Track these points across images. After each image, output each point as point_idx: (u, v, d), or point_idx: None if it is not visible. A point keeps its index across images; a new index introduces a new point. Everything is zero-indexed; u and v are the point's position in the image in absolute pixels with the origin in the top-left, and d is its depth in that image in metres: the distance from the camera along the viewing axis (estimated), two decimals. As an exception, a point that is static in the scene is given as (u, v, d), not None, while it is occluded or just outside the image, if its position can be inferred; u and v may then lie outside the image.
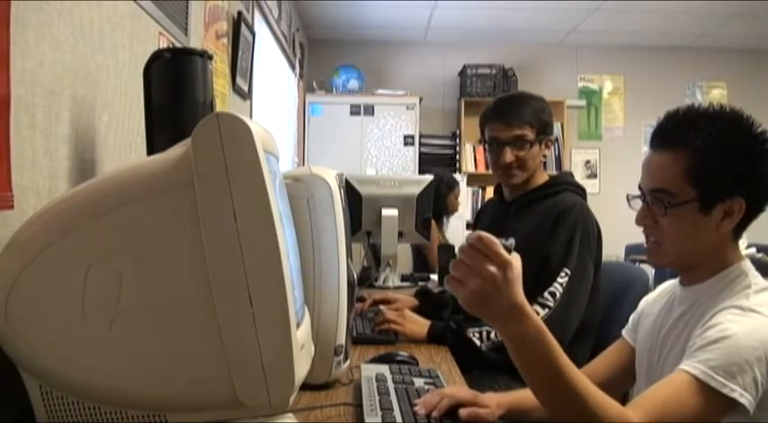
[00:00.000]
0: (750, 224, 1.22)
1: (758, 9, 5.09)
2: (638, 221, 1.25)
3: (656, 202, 1.21)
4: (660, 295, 1.38)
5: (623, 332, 1.43)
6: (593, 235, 1.90)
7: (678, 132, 1.20)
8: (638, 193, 1.26)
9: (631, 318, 1.43)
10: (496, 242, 0.98)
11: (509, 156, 1.99)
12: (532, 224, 1.93)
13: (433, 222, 4.08)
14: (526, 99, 2.05)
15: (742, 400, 1.03)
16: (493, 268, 0.96)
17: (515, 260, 0.99)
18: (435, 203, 4.15)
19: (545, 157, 2.04)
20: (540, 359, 1.00)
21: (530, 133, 1.99)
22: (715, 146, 1.17)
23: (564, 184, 2.02)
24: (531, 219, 1.96)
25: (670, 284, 1.36)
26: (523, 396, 1.25)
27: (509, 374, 1.02)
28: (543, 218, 1.92)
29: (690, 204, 1.18)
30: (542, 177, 2.05)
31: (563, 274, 1.81)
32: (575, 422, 1.01)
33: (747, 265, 1.21)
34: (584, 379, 1.02)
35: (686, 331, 1.20)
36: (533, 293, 1.78)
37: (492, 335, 1.78)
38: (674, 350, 1.22)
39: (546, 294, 1.79)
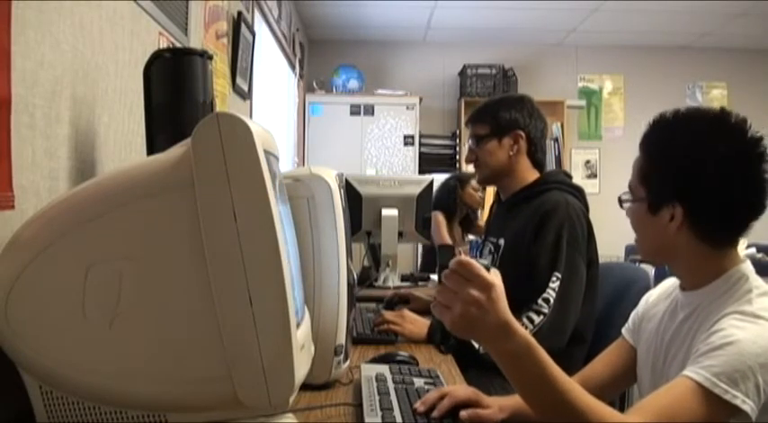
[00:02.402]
0: (729, 232, 1.20)
1: (759, 9, 5.09)
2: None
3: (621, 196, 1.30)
4: (661, 296, 1.37)
5: (623, 331, 1.42)
6: (581, 233, 1.87)
7: (647, 135, 1.26)
8: None
9: (631, 316, 1.42)
10: (476, 264, 0.98)
11: (468, 155, 2.12)
12: (520, 225, 1.93)
13: (442, 221, 4.12)
14: (493, 101, 2.12)
15: (744, 407, 1.02)
16: (475, 291, 0.97)
17: (496, 278, 1.00)
18: (449, 202, 4.21)
19: (513, 150, 2.03)
20: (532, 374, 1.00)
21: (482, 130, 2.06)
22: (661, 150, 1.22)
23: (551, 183, 1.99)
24: (518, 220, 1.95)
25: (670, 285, 1.36)
26: None
27: (504, 378, 1.02)
28: (529, 218, 1.90)
29: (640, 203, 1.24)
30: (531, 176, 2.04)
31: (554, 278, 1.79)
32: None
33: (748, 268, 1.21)
34: (577, 388, 1.02)
35: (689, 336, 1.20)
36: (526, 301, 1.78)
37: None
38: (678, 355, 1.21)
39: (540, 301, 1.78)
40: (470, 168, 2.25)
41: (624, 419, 1.02)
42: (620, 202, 1.29)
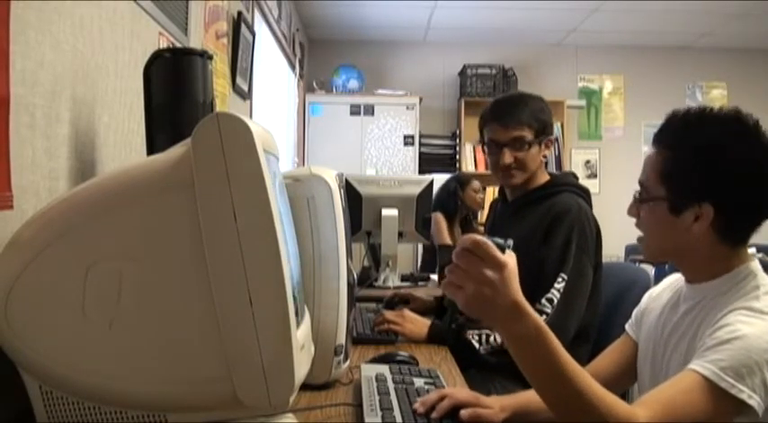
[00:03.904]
0: (748, 230, 1.20)
1: (758, 9, 5.09)
2: (628, 212, 1.29)
3: (636, 194, 1.26)
4: (665, 290, 1.37)
5: (626, 327, 1.42)
6: (590, 237, 1.88)
7: (667, 131, 1.23)
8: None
9: (635, 312, 1.43)
10: (490, 244, 0.98)
11: (507, 157, 1.98)
12: (529, 226, 1.93)
13: (443, 221, 4.14)
14: (524, 100, 2.04)
15: (750, 402, 1.02)
16: (489, 271, 0.96)
17: (510, 259, 0.99)
18: (450, 203, 4.24)
19: (545, 157, 2.03)
20: (542, 358, 1.00)
21: (528, 134, 1.98)
22: (687, 148, 1.19)
23: (563, 185, 2.00)
24: (528, 220, 1.95)
25: (674, 279, 1.36)
26: (529, 398, 1.24)
27: (504, 376, 1.02)
28: (540, 220, 1.91)
29: (660, 202, 1.21)
30: (543, 177, 2.04)
31: (560, 279, 1.80)
32: (581, 422, 1.01)
33: (756, 266, 1.21)
34: (588, 377, 1.01)
35: (692, 329, 1.20)
36: (531, 300, 1.77)
37: (491, 338, 1.78)
38: (679, 347, 1.21)
39: (543, 301, 1.78)
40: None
41: (631, 411, 1.02)
42: (639, 201, 1.25)
